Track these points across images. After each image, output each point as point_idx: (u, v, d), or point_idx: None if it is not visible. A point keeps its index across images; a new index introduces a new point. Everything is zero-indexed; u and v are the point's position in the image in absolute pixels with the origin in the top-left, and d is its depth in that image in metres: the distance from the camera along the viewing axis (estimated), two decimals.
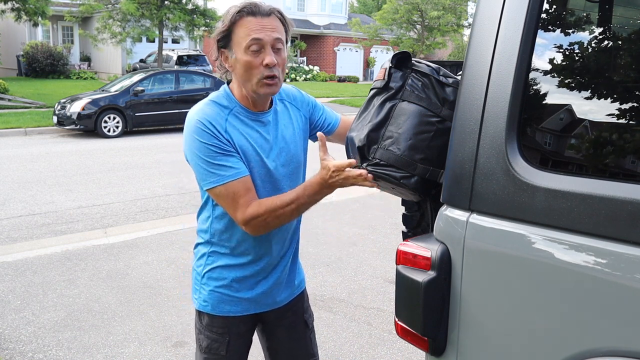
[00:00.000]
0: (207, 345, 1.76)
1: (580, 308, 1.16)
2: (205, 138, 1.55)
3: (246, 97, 1.64)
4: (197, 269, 1.77)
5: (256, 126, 1.65)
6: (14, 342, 3.30)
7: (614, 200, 1.10)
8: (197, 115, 1.58)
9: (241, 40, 1.54)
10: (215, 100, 1.64)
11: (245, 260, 1.71)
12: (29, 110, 14.80)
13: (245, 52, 1.54)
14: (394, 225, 5.59)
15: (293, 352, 1.89)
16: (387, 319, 3.66)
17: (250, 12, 1.54)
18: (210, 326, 1.75)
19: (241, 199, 1.56)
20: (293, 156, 1.73)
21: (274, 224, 1.60)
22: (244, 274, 1.71)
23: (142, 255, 4.77)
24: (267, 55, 1.54)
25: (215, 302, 1.73)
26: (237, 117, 1.63)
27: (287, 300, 1.84)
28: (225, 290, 1.72)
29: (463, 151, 1.33)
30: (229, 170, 1.55)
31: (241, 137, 1.61)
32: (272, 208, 1.56)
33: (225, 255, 1.71)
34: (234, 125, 1.61)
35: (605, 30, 1.27)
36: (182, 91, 13.08)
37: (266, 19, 1.55)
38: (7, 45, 23.94)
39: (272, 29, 1.55)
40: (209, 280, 1.73)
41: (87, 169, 8.38)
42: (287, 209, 1.56)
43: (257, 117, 1.66)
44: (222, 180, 1.55)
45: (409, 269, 1.38)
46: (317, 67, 31.43)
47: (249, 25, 1.54)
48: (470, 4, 25.52)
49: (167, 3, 17.46)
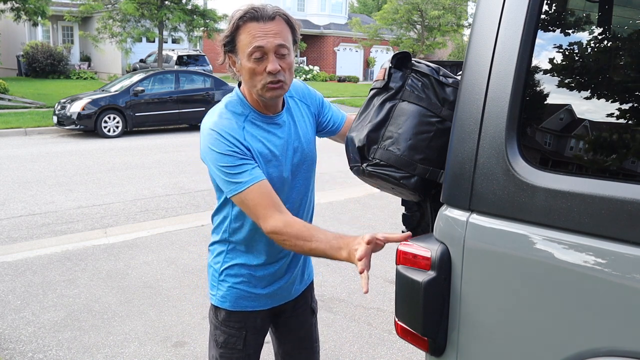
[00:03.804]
0: (224, 340, 1.77)
1: (580, 308, 1.16)
2: (221, 148, 1.55)
3: (257, 101, 1.64)
4: (215, 265, 1.78)
5: (272, 129, 1.66)
6: (14, 342, 3.30)
7: (614, 200, 1.10)
8: (214, 126, 1.58)
9: (244, 47, 1.53)
10: (230, 108, 1.63)
11: (262, 260, 1.73)
12: (29, 110, 14.80)
13: (249, 60, 1.53)
14: (394, 225, 5.59)
15: (300, 338, 1.94)
16: (387, 319, 3.66)
17: (253, 17, 1.52)
18: (227, 321, 1.77)
19: (261, 208, 1.53)
20: (307, 154, 1.75)
21: (289, 246, 1.56)
22: (262, 273, 1.74)
23: (142, 255, 4.77)
24: (269, 63, 1.52)
25: (233, 298, 1.75)
26: (253, 123, 1.63)
27: (300, 291, 1.89)
28: (243, 286, 1.74)
29: (463, 151, 1.33)
30: (245, 176, 1.54)
31: (259, 143, 1.61)
32: (295, 235, 1.52)
33: (242, 253, 1.73)
34: (251, 132, 1.61)
35: (605, 30, 1.27)
36: (182, 91, 13.07)
37: (270, 23, 1.52)
38: (7, 45, 23.94)
39: (275, 34, 1.53)
40: (227, 277, 1.75)
41: (87, 169, 8.37)
42: (307, 245, 1.51)
43: (272, 119, 1.66)
44: (240, 188, 1.54)
45: (409, 269, 1.38)
46: (317, 67, 31.43)
47: (251, 31, 1.52)
48: (470, 4, 25.52)
49: (167, 3, 17.46)
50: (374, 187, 1.64)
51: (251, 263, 1.73)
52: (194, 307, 3.80)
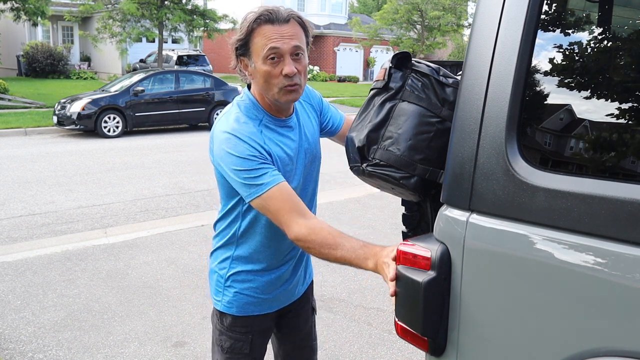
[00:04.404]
0: (231, 346, 1.77)
1: (580, 308, 1.16)
2: (242, 153, 1.51)
3: (270, 105, 1.62)
4: (220, 271, 1.75)
5: (286, 132, 1.65)
6: (14, 342, 3.30)
7: (614, 200, 1.10)
8: (233, 130, 1.54)
9: (259, 49, 1.51)
10: (244, 112, 1.60)
11: (268, 265, 1.72)
12: (29, 110, 14.80)
13: (264, 62, 1.51)
14: (394, 225, 5.59)
15: (301, 337, 1.95)
16: (387, 319, 3.66)
17: (267, 19, 1.50)
18: (233, 326, 1.76)
19: (284, 213, 1.50)
20: (316, 155, 1.76)
21: (313, 253, 1.53)
22: (269, 277, 1.73)
23: (142, 255, 4.77)
24: (286, 65, 1.51)
25: (240, 304, 1.74)
26: (268, 127, 1.61)
27: (302, 291, 1.91)
28: (250, 292, 1.73)
29: (463, 151, 1.33)
30: (265, 178, 1.51)
31: (277, 147, 1.60)
32: (320, 244, 1.48)
33: (249, 259, 1.72)
34: (269, 137, 1.59)
35: (605, 31, 1.27)
36: (182, 91, 13.07)
37: (284, 26, 1.51)
38: (7, 45, 23.95)
39: (290, 36, 1.51)
40: (234, 282, 1.73)
41: (87, 169, 8.37)
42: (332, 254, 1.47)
43: (285, 123, 1.65)
44: (260, 191, 1.50)
45: (409, 269, 1.38)
46: (317, 67, 31.44)
47: (266, 33, 1.50)
48: (470, 4, 25.52)
49: (167, 3, 17.47)
50: (374, 187, 1.65)
51: (258, 268, 1.71)
52: (194, 307, 3.80)
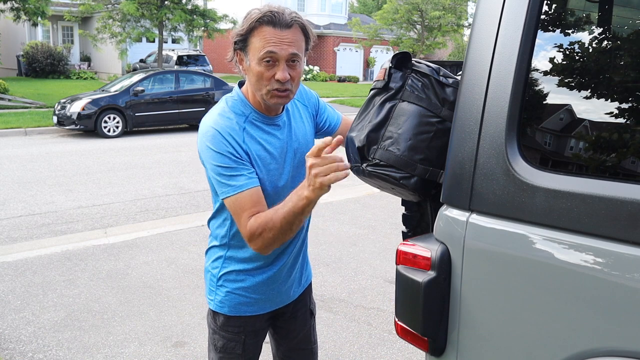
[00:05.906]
0: (223, 345, 1.76)
1: (580, 308, 1.16)
2: (220, 148, 1.52)
3: (259, 102, 1.61)
4: (213, 270, 1.76)
5: (272, 130, 1.64)
6: (14, 342, 3.30)
7: (614, 200, 1.10)
8: (214, 124, 1.55)
9: (256, 49, 1.50)
10: (231, 107, 1.61)
11: (260, 263, 1.71)
12: (29, 110, 14.80)
13: (259, 63, 1.50)
14: (394, 225, 5.59)
15: (298, 340, 1.93)
16: (387, 319, 3.66)
17: (270, 21, 1.48)
18: (226, 326, 1.75)
19: (244, 214, 1.51)
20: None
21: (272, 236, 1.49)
22: (261, 277, 1.72)
23: (142, 255, 4.77)
24: (280, 70, 1.49)
25: (232, 304, 1.73)
26: (254, 123, 1.61)
27: (298, 293, 1.88)
28: (242, 292, 1.72)
29: (463, 151, 1.33)
30: (240, 180, 1.52)
31: (258, 145, 1.59)
32: (265, 221, 1.47)
33: (241, 258, 1.71)
34: (251, 134, 1.59)
35: (605, 31, 1.27)
36: (182, 91, 13.06)
37: (286, 31, 1.49)
38: (7, 45, 23.95)
39: (289, 42, 1.49)
40: (226, 282, 1.73)
41: (87, 169, 8.37)
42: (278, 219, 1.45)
43: (272, 121, 1.64)
44: (233, 191, 1.52)
45: (409, 269, 1.38)
46: (317, 67, 31.44)
47: (266, 35, 1.48)
48: (470, 4, 25.53)
49: (167, 3, 17.47)
50: (374, 187, 1.64)
51: (250, 267, 1.71)
52: (194, 307, 3.80)
